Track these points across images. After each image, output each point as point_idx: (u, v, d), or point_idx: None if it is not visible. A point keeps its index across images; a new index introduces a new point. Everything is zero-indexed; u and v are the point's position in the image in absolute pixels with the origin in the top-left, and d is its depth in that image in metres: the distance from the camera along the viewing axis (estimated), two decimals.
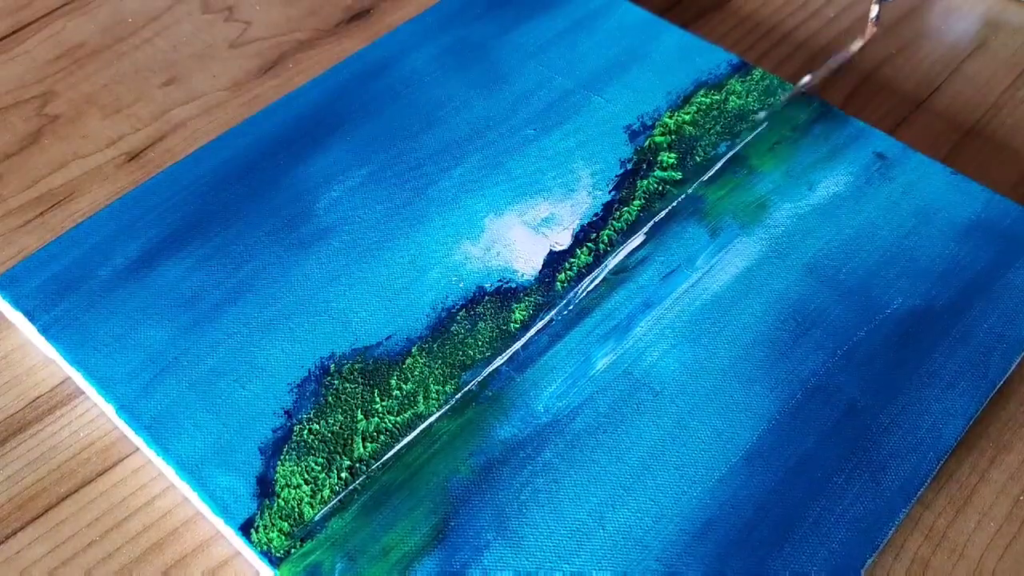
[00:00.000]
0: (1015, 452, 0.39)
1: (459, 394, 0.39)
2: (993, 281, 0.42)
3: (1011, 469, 0.39)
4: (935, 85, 0.54)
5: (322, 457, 0.37)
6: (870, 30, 0.46)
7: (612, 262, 0.43)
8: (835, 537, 0.35)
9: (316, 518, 0.35)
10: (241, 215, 0.44)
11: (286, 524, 0.35)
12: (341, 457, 0.37)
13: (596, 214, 0.44)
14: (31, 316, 0.40)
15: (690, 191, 0.45)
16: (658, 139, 0.47)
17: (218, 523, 0.36)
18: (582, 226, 0.44)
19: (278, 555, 0.34)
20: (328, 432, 0.37)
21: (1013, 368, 0.40)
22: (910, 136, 0.50)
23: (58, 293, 0.41)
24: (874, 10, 0.49)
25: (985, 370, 0.39)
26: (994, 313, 0.41)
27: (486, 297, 0.41)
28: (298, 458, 0.37)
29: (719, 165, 0.46)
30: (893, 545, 0.37)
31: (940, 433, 0.38)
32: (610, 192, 0.45)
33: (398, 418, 0.38)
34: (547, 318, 0.41)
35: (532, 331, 0.40)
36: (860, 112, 0.51)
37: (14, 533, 0.37)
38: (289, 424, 0.38)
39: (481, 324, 0.41)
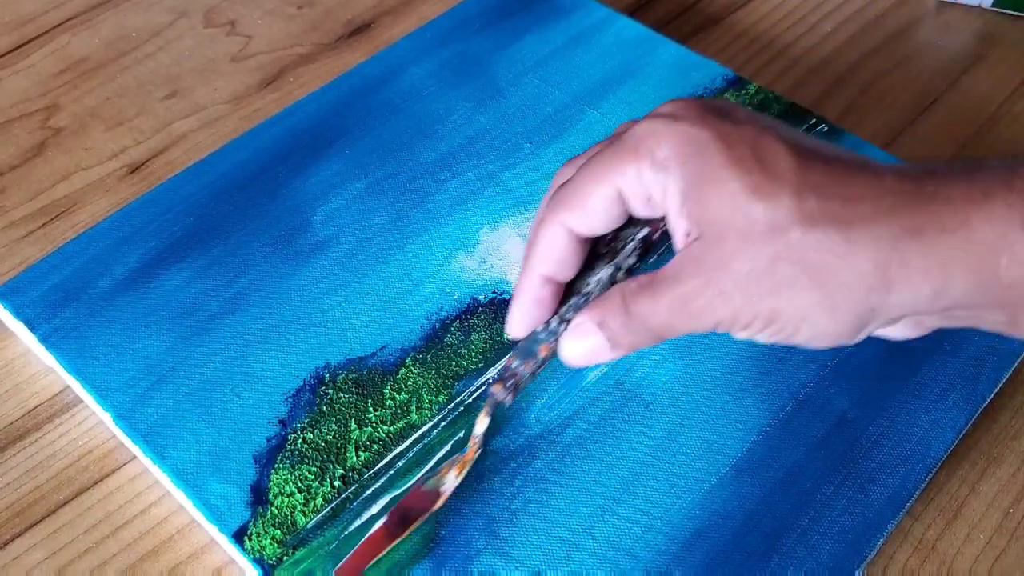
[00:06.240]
0: (1006, 465, 0.40)
1: (452, 404, 0.39)
2: None
3: (1001, 482, 0.39)
4: (932, 98, 0.54)
5: (315, 466, 0.37)
6: (473, 448, 0.36)
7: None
8: (823, 548, 0.35)
9: (309, 526, 0.36)
10: (239, 227, 0.44)
11: (279, 532, 0.36)
12: (334, 466, 0.37)
13: None
14: (32, 325, 0.41)
15: None
16: None
17: (212, 530, 0.36)
18: None
19: (270, 562, 0.35)
20: (322, 441, 0.38)
21: (1004, 381, 0.40)
22: (906, 150, 0.51)
23: (59, 303, 0.42)
24: (483, 424, 0.36)
25: (976, 383, 0.40)
26: None
27: (480, 308, 0.42)
28: (292, 467, 0.37)
29: None
30: (882, 556, 0.37)
31: (929, 445, 0.38)
32: None
33: (391, 428, 0.38)
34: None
35: None
36: (856, 126, 0.52)
37: (13, 539, 0.37)
38: (283, 433, 0.38)
39: (475, 335, 0.41)
